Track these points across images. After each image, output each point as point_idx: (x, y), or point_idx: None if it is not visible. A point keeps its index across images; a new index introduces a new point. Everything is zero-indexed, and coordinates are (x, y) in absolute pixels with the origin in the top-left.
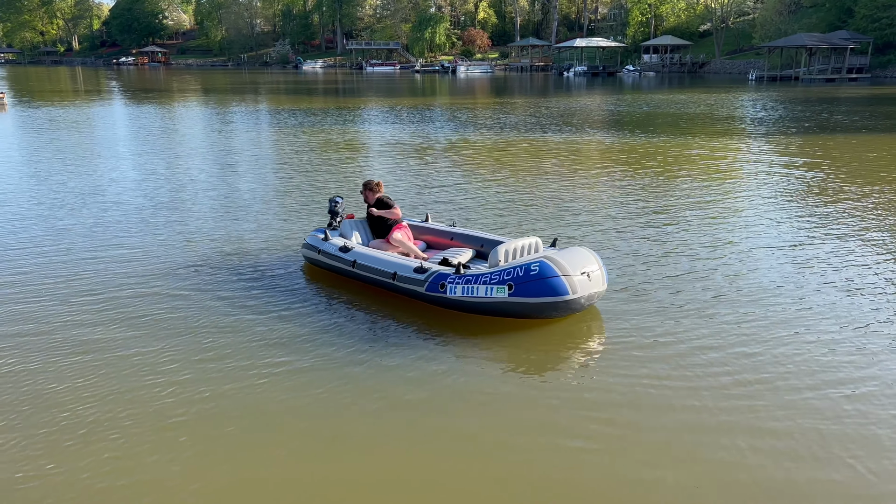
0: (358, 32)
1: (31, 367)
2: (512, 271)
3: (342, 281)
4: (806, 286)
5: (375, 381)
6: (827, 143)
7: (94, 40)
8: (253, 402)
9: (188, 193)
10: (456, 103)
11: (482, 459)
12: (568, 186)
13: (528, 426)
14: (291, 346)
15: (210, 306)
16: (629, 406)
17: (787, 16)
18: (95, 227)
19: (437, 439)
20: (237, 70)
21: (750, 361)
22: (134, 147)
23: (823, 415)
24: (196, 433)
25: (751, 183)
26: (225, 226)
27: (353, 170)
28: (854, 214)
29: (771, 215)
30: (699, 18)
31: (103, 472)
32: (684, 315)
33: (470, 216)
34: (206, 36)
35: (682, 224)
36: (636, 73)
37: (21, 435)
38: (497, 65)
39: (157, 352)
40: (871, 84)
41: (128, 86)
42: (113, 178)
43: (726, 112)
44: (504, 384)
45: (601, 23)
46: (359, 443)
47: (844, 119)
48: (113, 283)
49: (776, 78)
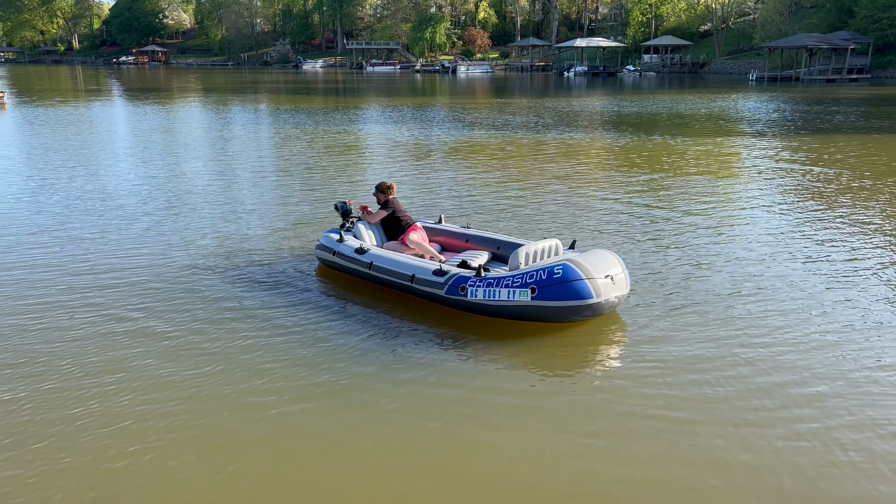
0: (358, 32)
1: (33, 370)
2: (535, 274)
3: (358, 283)
4: (821, 285)
5: (393, 385)
6: (828, 143)
7: (95, 39)
8: (268, 409)
9: (191, 196)
10: (457, 104)
11: (509, 467)
12: (574, 187)
13: (551, 433)
14: (308, 350)
15: (224, 309)
16: (662, 410)
17: (788, 16)
18: (99, 229)
19: (458, 445)
20: (237, 70)
21: (773, 362)
22: (135, 148)
23: (844, 417)
24: (206, 439)
25: (758, 183)
26: (234, 228)
27: (357, 170)
28: (859, 214)
29: (781, 213)
30: (700, 19)
31: (104, 475)
32: (707, 318)
33: (478, 217)
34: (206, 35)
35: (696, 224)
36: (636, 73)
37: (18, 435)
38: (497, 65)
39: (170, 359)
40: (871, 85)
41: (128, 85)
42: (114, 181)
43: (728, 113)
44: (528, 390)
45: (601, 23)
46: (377, 448)
47: (847, 119)
48: (116, 288)
49: (777, 78)
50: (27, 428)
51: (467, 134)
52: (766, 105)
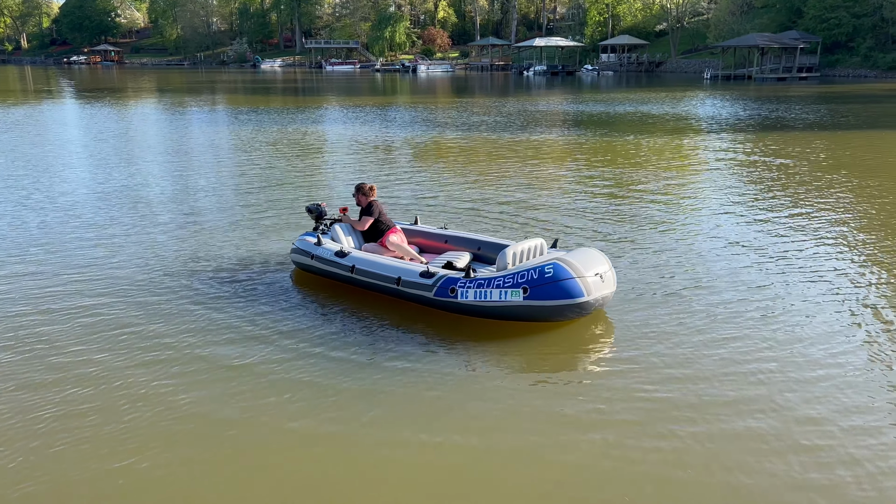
0: (317, 31)
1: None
2: (526, 274)
3: (336, 287)
4: (793, 274)
5: (384, 389)
6: (787, 139)
7: (44, 39)
8: (255, 417)
9: (149, 203)
10: (420, 102)
11: (503, 468)
12: (542, 186)
13: (545, 433)
14: (292, 359)
15: (200, 319)
16: (658, 409)
17: (740, 16)
18: (52, 239)
19: (455, 447)
20: (194, 69)
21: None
22: (89, 152)
23: (835, 418)
24: (191, 449)
25: (720, 178)
26: (198, 236)
27: (323, 172)
28: (816, 205)
29: (739, 206)
30: (655, 18)
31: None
32: (693, 312)
33: (445, 217)
34: (160, 34)
35: (664, 218)
36: (595, 72)
37: (12, 436)
38: (458, 64)
39: (142, 375)
40: (820, 83)
41: (81, 86)
42: (66, 187)
43: (688, 111)
44: (521, 390)
45: (560, 22)
46: (370, 451)
47: (800, 116)
48: (66, 303)
49: (730, 77)
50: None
51: (432, 134)
52: (723, 103)
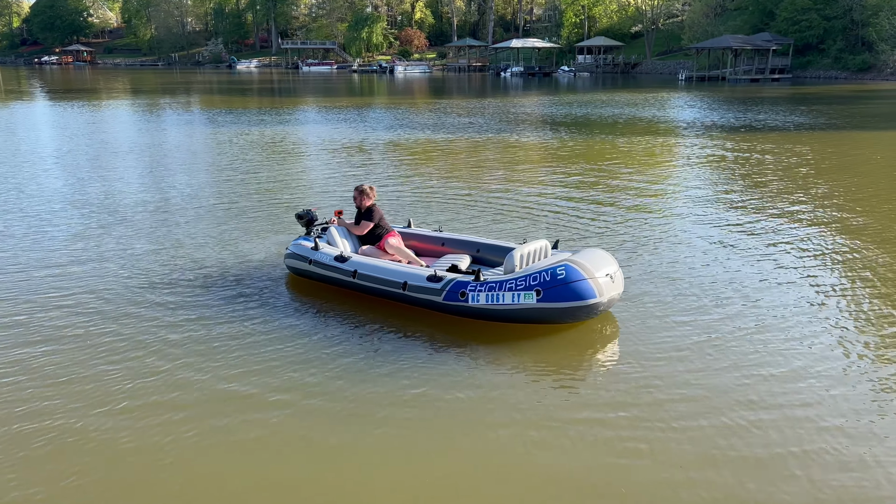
0: (293, 31)
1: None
2: (538, 276)
3: (335, 292)
4: (788, 276)
5: (392, 395)
6: (762, 139)
7: (14, 39)
8: (255, 421)
9: (126, 209)
10: (398, 103)
11: (516, 467)
12: (526, 185)
13: (557, 434)
14: (297, 367)
15: (196, 331)
16: (668, 406)
17: (714, 18)
18: (27, 246)
19: (465, 452)
20: (168, 70)
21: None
22: (63, 156)
23: (835, 424)
24: (188, 456)
25: (698, 176)
26: (184, 244)
27: (305, 175)
28: (813, 203)
29: (739, 207)
30: (630, 20)
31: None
32: (702, 309)
33: (432, 219)
34: (134, 34)
35: (654, 216)
36: (571, 73)
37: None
38: (435, 65)
39: (139, 384)
40: (792, 84)
41: (53, 86)
42: (40, 191)
43: (664, 112)
44: (535, 393)
45: (536, 24)
46: (378, 455)
47: (775, 117)
48: (54, 313)
49: (704, 78)
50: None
51: (413, 135)
52: (698, 104)
